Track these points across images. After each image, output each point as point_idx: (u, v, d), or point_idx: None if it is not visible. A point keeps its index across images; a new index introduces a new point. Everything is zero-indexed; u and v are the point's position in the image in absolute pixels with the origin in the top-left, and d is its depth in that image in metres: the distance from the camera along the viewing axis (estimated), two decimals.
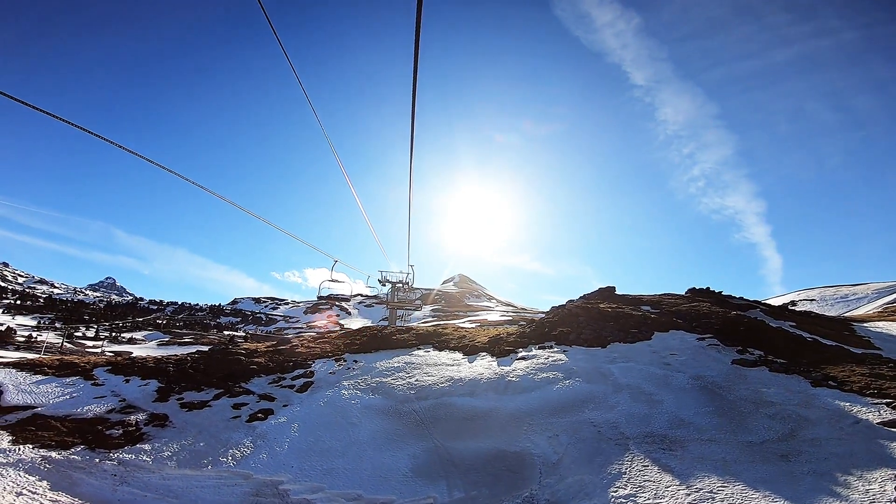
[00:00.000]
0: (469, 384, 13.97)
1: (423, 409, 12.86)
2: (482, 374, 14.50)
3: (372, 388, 14.77)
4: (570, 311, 19.45)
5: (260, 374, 16.99)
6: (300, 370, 17.20)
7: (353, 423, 12.60)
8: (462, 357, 17.28)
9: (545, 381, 13.18)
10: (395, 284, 26.65)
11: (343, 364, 17.62)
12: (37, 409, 14.09)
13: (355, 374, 16.28)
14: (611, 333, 16.70)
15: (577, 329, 17.32)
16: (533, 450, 10.36)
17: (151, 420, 13.53)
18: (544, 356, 15.19)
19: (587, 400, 11.77)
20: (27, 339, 65.73)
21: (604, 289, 26.22)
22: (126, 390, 15.83)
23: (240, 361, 17.94)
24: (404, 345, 19.80)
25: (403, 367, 16.40)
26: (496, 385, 13.60)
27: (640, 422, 10.50)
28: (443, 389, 13.91)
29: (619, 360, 14.28)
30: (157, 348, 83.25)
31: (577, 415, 11.23)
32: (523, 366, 14.64)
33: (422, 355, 17.99)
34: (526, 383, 13.32)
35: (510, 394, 12.93)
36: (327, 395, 14.59)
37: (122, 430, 12.88)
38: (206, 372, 17.21)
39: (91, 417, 13.68)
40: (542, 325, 19.33)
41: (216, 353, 19.41)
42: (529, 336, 18.25)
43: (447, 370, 15.56)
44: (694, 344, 15.78)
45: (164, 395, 15.24)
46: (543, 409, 11.75)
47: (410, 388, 14.35)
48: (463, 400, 13.01)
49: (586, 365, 14.00)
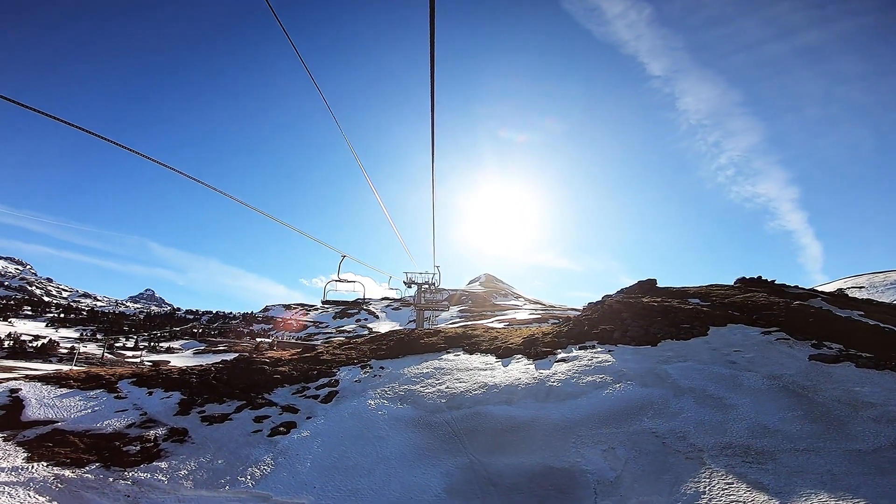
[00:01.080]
0: (505, 391, 12.69)
1: (455, 420, 11.67)
2: (519, 380, 13.18)
3: (400, 396, 13.68)
4: (611, 307, 17.85)
5: (283, 384, 16.19)
6: (325, 378, 16.31)
7: (381, 437, 11.53)
8: (495, 360, 15.99)
9: (592, 386, 11.75)
10: (422, 285, 25.60)
11: (369, 371, 16.63)
12: (57, 424, 13.68)
13: (382, 381, 15.24)
14: (660, 330, 15.07)
15: (621, 326, 15.75)
16: (584, 465, 9.00)
17: (170, 435, 12.85)
18: (587, 357, 13.73)
19: (644, 406, 10.29)
20: (69, 351, 68.23)
21: (644, 282, 24.40)
22: (148, 403, 15.31)
23: (263, 371, 17.21)
24: (433, 348, 18.67)
25: (433, 372, 15.25)
26: (536, 391, 12.26)
27: (713, 430, 8.98)
28: (476, 397, 12.68)
29: (674, 360, 12.69)
30: (192, 357, 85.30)
31: (635, 424, 9.78)
32: (564, 369, 13.24)
33: (452, 359, 16.81)
34: (570, 388, 11.92)
35: (552, 401, 11.57)
36: (353, 405, 13.59)
37: (139, 446, 12.23)
38: (229, 383, 16.55)
39: (110, 433, 13.13)
40: (580, 323, 17.82)
41: (240, 362, 18.79)
42: (567, 335, 16.78)
43: (480, 375, 14.31)
44: (759, 339, 13.98)
45: (185, 408, 14.60)
46: (593, 417, 10.35)
47: (441, 396, 13.18)
48: (499, 409, 11.74)
49: (637, 366, 12.48)
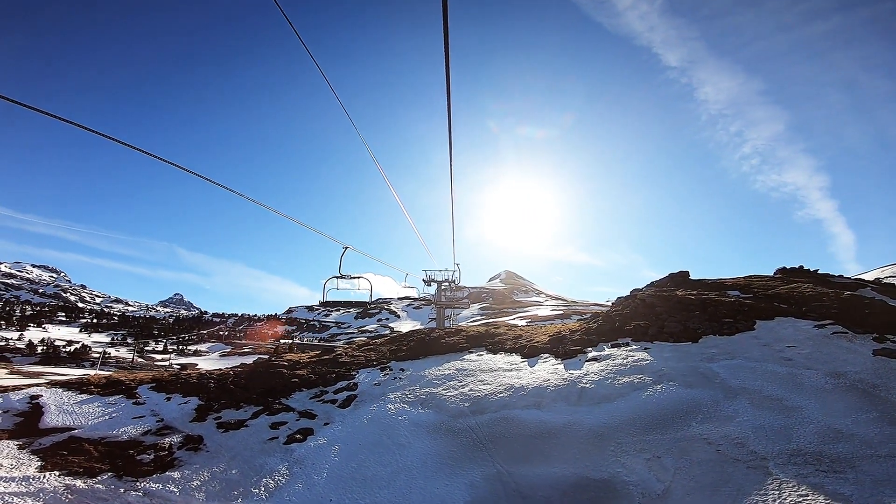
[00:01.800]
0: (533, 393, 11.78)
1: (480, 426, 10.84)
2: (548, 381, 12.25)
3: (421, 400, 12.93)
4: (644, 301, 16.70)
5: (301, 388, 15.66)
6: (343, 382, 15.70)
7: (401, 445, 10.79)
8: (521, 360, 15.08)
9: (629, 388, 10.74)
10: (441, 283, 24.81)
11: (389, 373, 15.94)
12: (74, 432, 13.44)
13: (402, 384, 14.53)
14: (700, 325, 13.89)
15: (656, 322, 14.62)
16: (626, 476, 8.05)
17: (185, 443, 12.41)
18: (622, 356, 12.70)
19: (692, 410, 9.24)
20: (101, 355, 70.12)
21: (675, 274, 23.02)
22: (165, 409, 14.98)
23: (281, 375, 16.74)
24: (454, 348, 17.88)
25: (455, 374, 14.46)
26: (567, 394, 11.32)
27: (776, 436, 7.90)
28: (502, 400, 11.82)
29: (720, 357, 11.55)
30: (219, 359, 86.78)
31: (682, 429, 8.76)
32: (597, 368, 12.25)
33: (474, 360, 15.98)
34: (604, 390, 10.94)
35: (586, 404, 10.61)
36: (372, 410, 12.91)
37: (153, 454, 11.82)
38: (246, 387, 16.11)
39: (125, 440, 12.79)
40: (610, 318, 16.73)
41: (258, 366, 18.40)
42: (597, 332, 15.73)
43: (505, 377, 13.44)
44: (813, 333, 12.67)
45: (202, 415, 14.20)
46: (634, 422, 9.36)
47: (464, 399, 12.37)
48: (528, 413, 10.84)
49: (679, 365, 11.39)
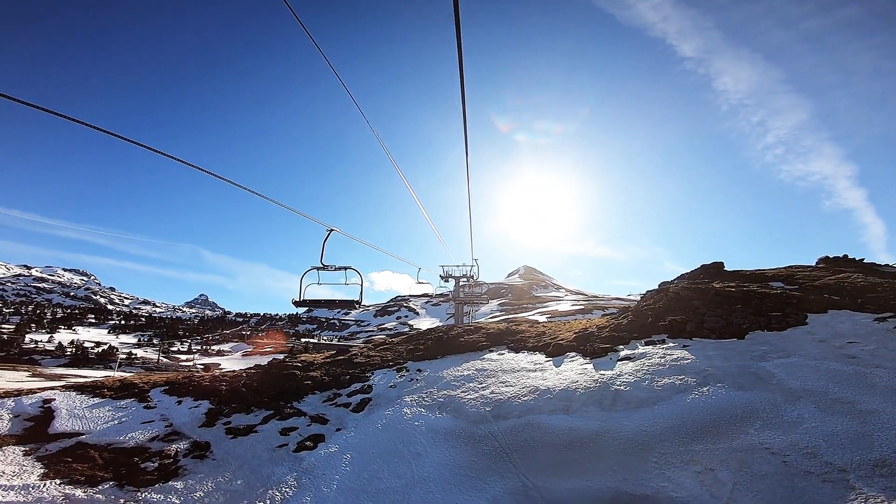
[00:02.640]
0: (561, 396, 10.75)
1: (503, 433, 9.88)
2: (577, 382, 11.20)
3: (439, 404, 12.04)
4: (678, 295, 15.43)
5: (314, 391, 14.96)
6: (357, 384, 14.94)
7: (417, 454, 9.92)
8: (545, 360, 14.05)
9: (671, 390, 9.61)
10: (459, 279, 23.87)
11: (405, 374, 15.11)
12: (81, 437, 13.03)
13: (419, 386, 13.67)
14: (744, 319, 12.61)
15: (694, 317, 13.37)
16: (673, 492, 7.01)
17: (192, 450, 11.82)
18: (658, 354, 11.54)
19: (748, 415, 8.10)
20: (127, 356, 71.57)
21: (708, 266, 21.54)
22: (175, 414, 14.48)
23: (294, 377, 16.09)
24: (474, 347, 16.94)
25: (475, 375, 13.52)
26: (599, 397, 10.25)
27: (854, 444, 6.74)
28: (526, 404, 10.83)
29: (773, 356, 10.30)
30: (241, 359, 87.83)
31: (738, 437, 7.64)
32: (631, 369, 11.13)
33: (495, 359, 15.01)
34: (642, 393, 9.84)
35: (622, 409, 9.53)
36: (386, 414, 12.08)
37: (158, 462, 11.26)
38: (258, 390, 15.52)
39: (132, 447, 12.28)
40: (642, 313, 15.52)
41: (272, 368, 17.83)
42: (628, 329, 14.57)
43: (529, 378, 12.44)
44: (874, 327, 11.28)
45: (211, 419, 13.63)
46: (679, 429, 8.27)
47: (485, 403, 11.42)
48: (556, 419, 9.83)
49: (726, 364, 10.20)
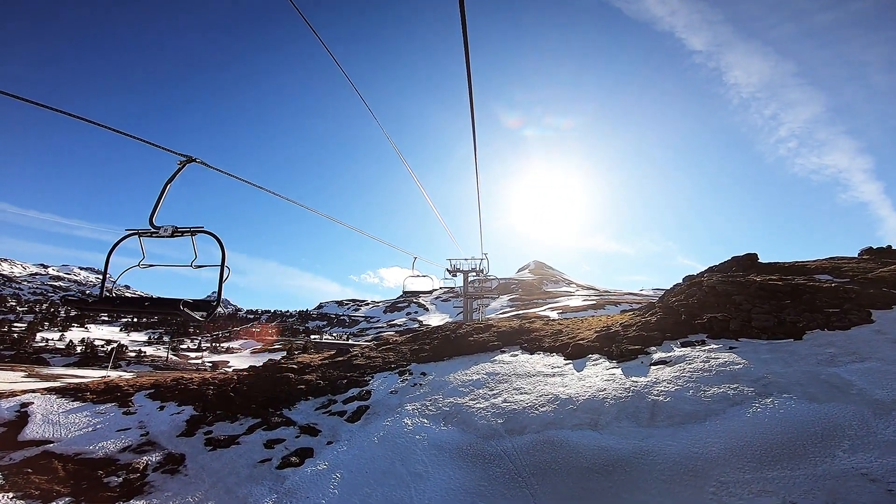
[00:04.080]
0: (586, 408, 9.14)
1: (518, 452, 8.32)
2: (604, 391, 9.57)
3: (444, 414, 10.52)
4: (714, 289, 13.68)
5: (307, 396, 13.54)
6: (355, 389, 13.47)
7: (417, 474, 8.41)
8: (564, 362, 12.43)
9: (724, 401, 7.95)
10: (469, 273, 22.28)
11: (408, 378, 13.61)
12: (49, 445, 11.76)
13: (422, 392, 12.16)
14: (798, 316, 10.85)
15: (737, 314, 11.63)
16: None
17: (164, 464, 10.47)
18: (700, 358, 9.86)
19: (831, 433, 6.43)
20: (137, 353, 71.39)
21: (741, 258, 19.66)
22: (155, 421, 13.17)
23: (287, 381, 14.69)
24: (484, 347, 15.36)
25: (485, 380, 11.96)
26: (633, 409, 8.63)
27: None
28: (545, 417, 9.24)
29: (843, 359, 8.57)
30: (250, 356, 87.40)
31: (824, 461, 5.98)
32: (669, 375, 9.47)
33: (508, 361, 13.43)
34: (687, 405, 8.19)
35: (663, 424, 7.90)
36: (385, 425, 10.59)
37: (124, 476, 9.95)
38: (248, 395, 14.15)
39: (99, 458, 10.98)
40: (672, 310, 13.80)
41: (265, 370, 16.47)
42: (659, 327, 12.87)
43: (547, 384, 10.84)
44: None
45: (192, 428, 12.28)
46: (742, 451, 6.62)
47: (497, 413, 9.87)
48: (581, 436, 8.23)
49: (787, 370, 8.50)
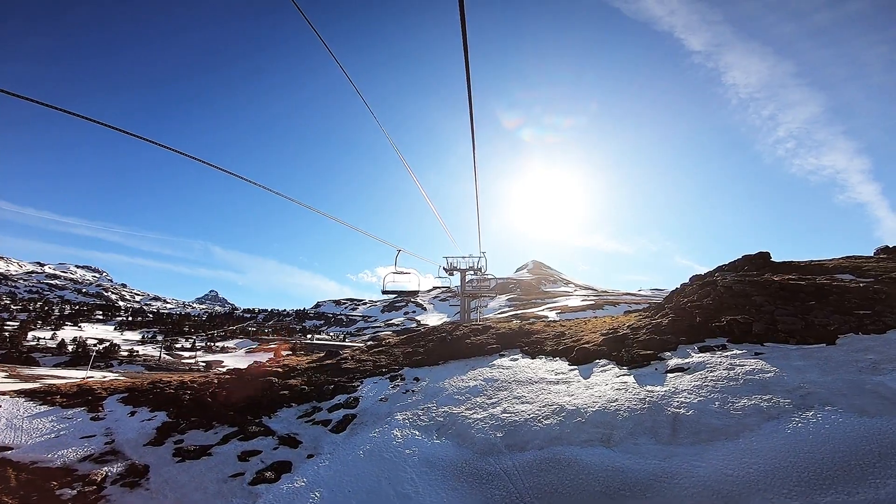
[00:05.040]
0: (596, 421, 8.13)
1: (520, 471, 7.30)
2: (615, 401, 8.56)
3: (437, 425, 9.50)
4: (730, 289, 12.69)
5: (290, 403, 12.50)
6: (342, 396, 12.44)
7: (406, 496, 7.39)
8: (569, 368, 11.42)
9: (757, 415, 6.94)
10: (466, 272, 21.27)
11: (399, 384, 12.58)
12: (7, 453, 10.74)
13: (415, 400, 11.13)
14: (827, 319, 9.87)
15: (759, 316, 10.64)
16: None
17: (125, 476, 9.45)
18: (723, 364, 8.85)
19: (891, 451, 5.43)
20: (129, 353, 70.20)
21: (753, 256, 18.71)
22: (123, 428, 12.13)
23: (270, 385, 13.65)
24: (482, 350, 14.34)
25: (483, 386, 10.94)
26: (651, 423, 7.61)
27: None
28: (550, 430, 8.22)
29: (887, 366, 7.56)
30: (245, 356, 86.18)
31: (886, 483, 4.98)
32: (690, 384, 8.46)
33: (507, 366, 12.41)
34: (714, 419, 7.17)
35: (687, 441, 6.89)
36: (372, 437, 9.56)
37: (79, 489, 8.94)
38: (226, 400, 13.11)
39: (57, 467, 9.96)
40: (685, 311, 12.81)
41: (248, 373, 15.44)
42: (672, 329, 11.87)
43: (551, 392, 9.83)
44: None
45: (162, 436, 11.25)
46: (786, 473, 5.61)
47: (496, 426, 8.85)
48: (592, 454, 7.21)
49: (826, 378, 7.50)
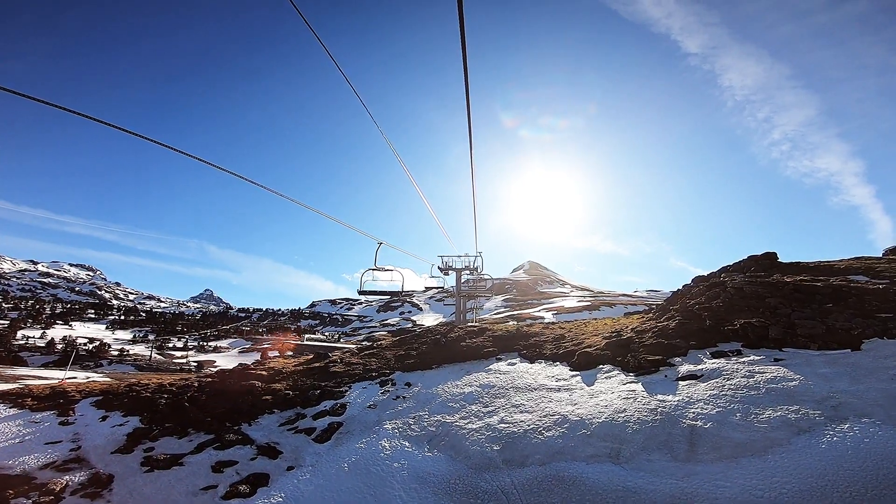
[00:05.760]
0: (603, 433, 7.38)
1: (519, 489, 6.55)
2: (624, 412, 7.82)
3: (429, 435, 8.74)
4: (741, 291, 12.00)
5: (273, 409, 11.70)
6: (328, 402, 11.65)
7: None
8: (571, 373, 10.69)
9: (786, 428, 6.22)
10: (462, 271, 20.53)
11: (390, 390, 11.81)
12: None
13: (405, 407, 10.36)
14: (848, 322, 9.18)
15: (775, 318, 9.94)
16: None
17: (86, 486, 8.66)
18: (740, 372, 8.13)
19: None
20: (120, 352, 69.02)
21: (759, 257, 18.07)
22: (92, 433, 11.30)
23: (252, 390, 12.84)
24: (478, 354, 13.59)
25: (478, 393, 10.19)
26: (665, 436, 6.88)
27: None
28: (552, 443, 7.48)
29: None
30: (237, 356, 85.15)
31: None
32: (705, 393, 7.73)
33: (505, 371, 11.66)
34: (737, 433, 6.44)
35: (708, 458, 6.15)
36: (358, 448, 8.79)
37: (34, 499, 8.23)
38: (205, 405, 12.30)
39: (16, 475, 9.20)
40: (693, 314, 12.10)
41: (230, 376, 14.60)
42: (680, 333, 11.16)
43: (552, 401, 9.08)
44: None
45: (132, 443, 10.44)
46: (825, 495, 4.89)
47: (493, 437, 8.09)
48: (600, 472, 6.47)
49: (858, 387, 6.79)
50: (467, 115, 5.14)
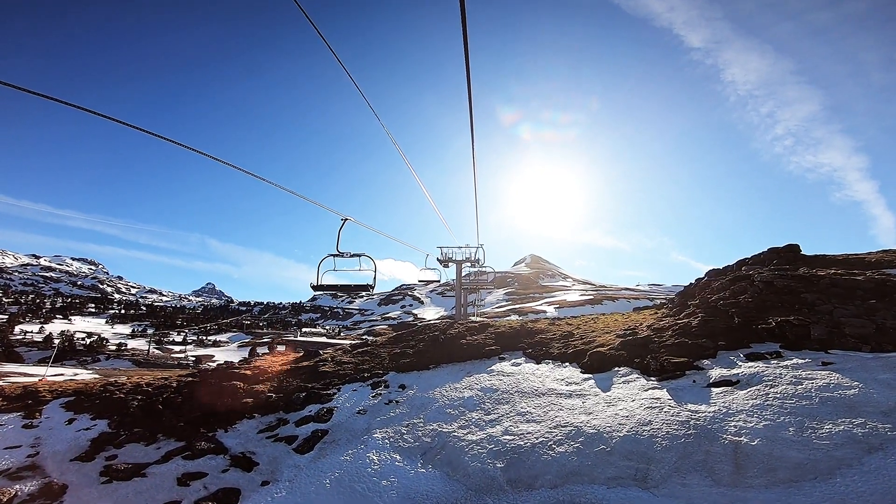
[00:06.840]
0: (625, 450, 6.29)
1: None
2: (649, 424, 6.72)
3: (423, 447, 7.66)
4: (771, 285, 10.86)
5: (253, 413, 10.65)
6: (314, 406, 10.58)
7: None
8: (583, 376, 9.58)
9: (851, 445, 5.11)
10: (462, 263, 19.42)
11: (382, 393, 10.73)
12: None
13: (398, 414, 9.28)
14: None
15: (815, 316, 8.81)
16: None
17: (36, 497, 7.80)
18: (785, 377, 7.01)
19: None
20: (118, 347, 68.28)
21: (781, 249, 16.89)
22: (55, 438, 10.28)
23: (234, 391, 11.79)
24: (479, 353, 12.49)
25: (480, 398, 9.10)
26: (702, 455, 5.77)
27: None
28: (565, 461, 6.39)
29: None
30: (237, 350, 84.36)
31: None
32: (745, 402, 6.62)
33: (509, 372, 10.57)
34: (793, 451, 5.34)
35: (760, 483, 5.06)
36: (343, 461, 7.73)
37: None
38: (180, 408, 11.27)
39: None
40: (718, 310, 10.97)
41: (211, 376, 13.54)
42: (706, 332, 10.02)
43: (563, 409, 7.99)
44: None
45: (94, 450, 9.44)
46: None
47: (495, 452, 7.01)
48: (624, 497, 5.39)
49: None
50: (469, 110, 4.91)
